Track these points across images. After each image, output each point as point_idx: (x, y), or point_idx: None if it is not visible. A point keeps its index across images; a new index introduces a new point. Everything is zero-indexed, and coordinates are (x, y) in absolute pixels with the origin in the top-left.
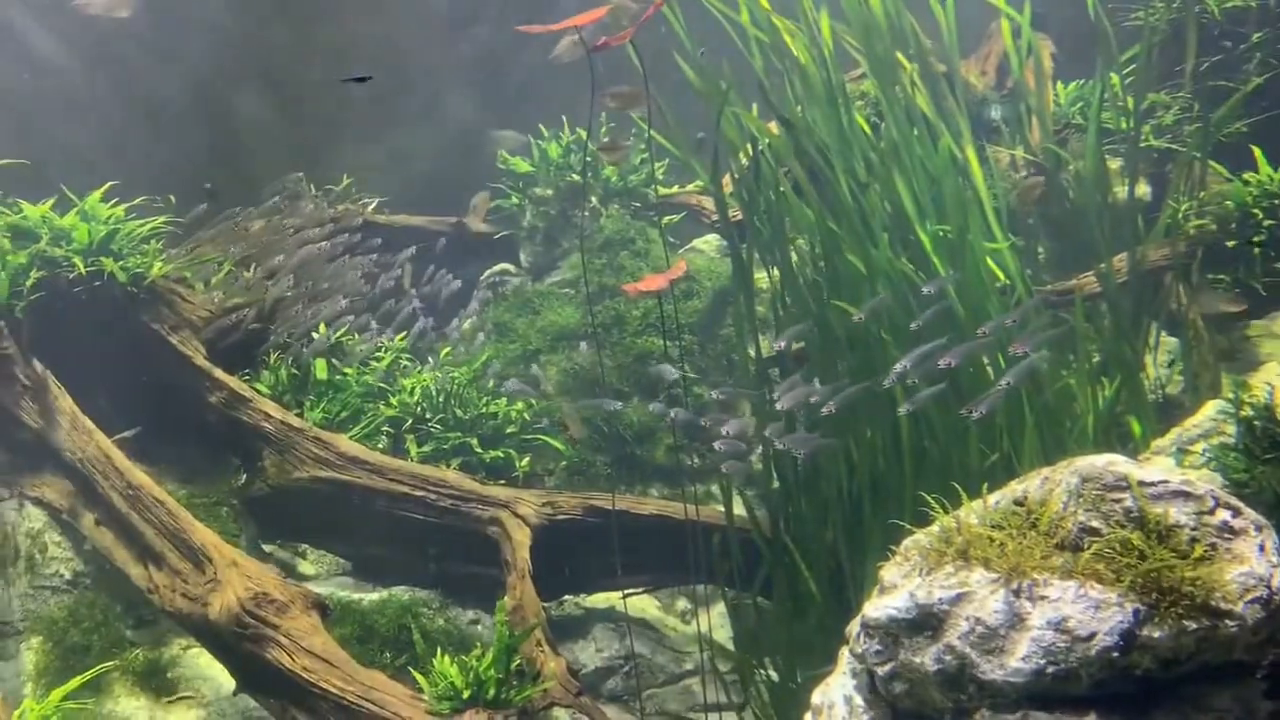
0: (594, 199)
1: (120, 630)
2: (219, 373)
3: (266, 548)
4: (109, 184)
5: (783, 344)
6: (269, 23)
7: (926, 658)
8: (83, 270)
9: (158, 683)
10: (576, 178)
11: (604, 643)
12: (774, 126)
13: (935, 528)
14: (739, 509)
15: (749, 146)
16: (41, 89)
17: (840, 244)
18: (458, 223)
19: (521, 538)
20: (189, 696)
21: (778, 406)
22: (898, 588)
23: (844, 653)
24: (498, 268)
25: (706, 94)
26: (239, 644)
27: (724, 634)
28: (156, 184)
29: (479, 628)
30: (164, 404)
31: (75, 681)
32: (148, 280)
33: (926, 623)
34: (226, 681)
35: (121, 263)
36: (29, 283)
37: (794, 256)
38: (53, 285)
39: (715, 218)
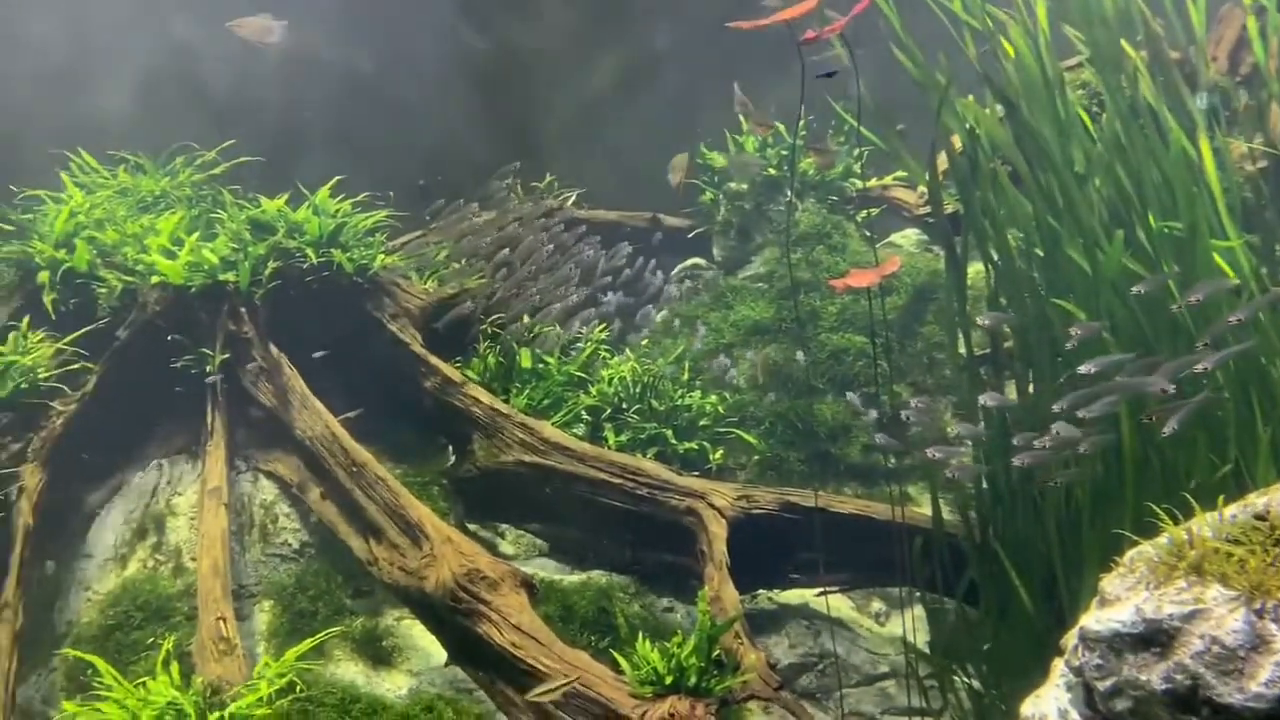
0: (790, 193)
1: (341, 599)
2: (434, 359)
3: (470, 527)
4: (336, 179)
5: (988, 321)
6: (485, 25)
7: (1154, 675)
8: (314, 260)
9: (374, 651)
10: (773, 171)
11: (797, 639)
12: (990, 114)
13: (1163, 539)
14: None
15: (964, 135)
16: (273, 91)
17: (1060, 239)
18: (653, 218)
19: (718, 529)
20: None
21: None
22: (1121, 600)
23: (1058, 664)
24: (690, 262)
25: (924, 85)
26: (452, 617)
27: (921, 638)
28: (378, 181)
29: (673, 615)
30: (382, 387)
31: (307, 643)
32: (371, 271)
33: (1154, 639)
34: (436, 652)
35: (348, 254)
36: (267, 272)
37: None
38: (287, 274)
39: (918, 211)
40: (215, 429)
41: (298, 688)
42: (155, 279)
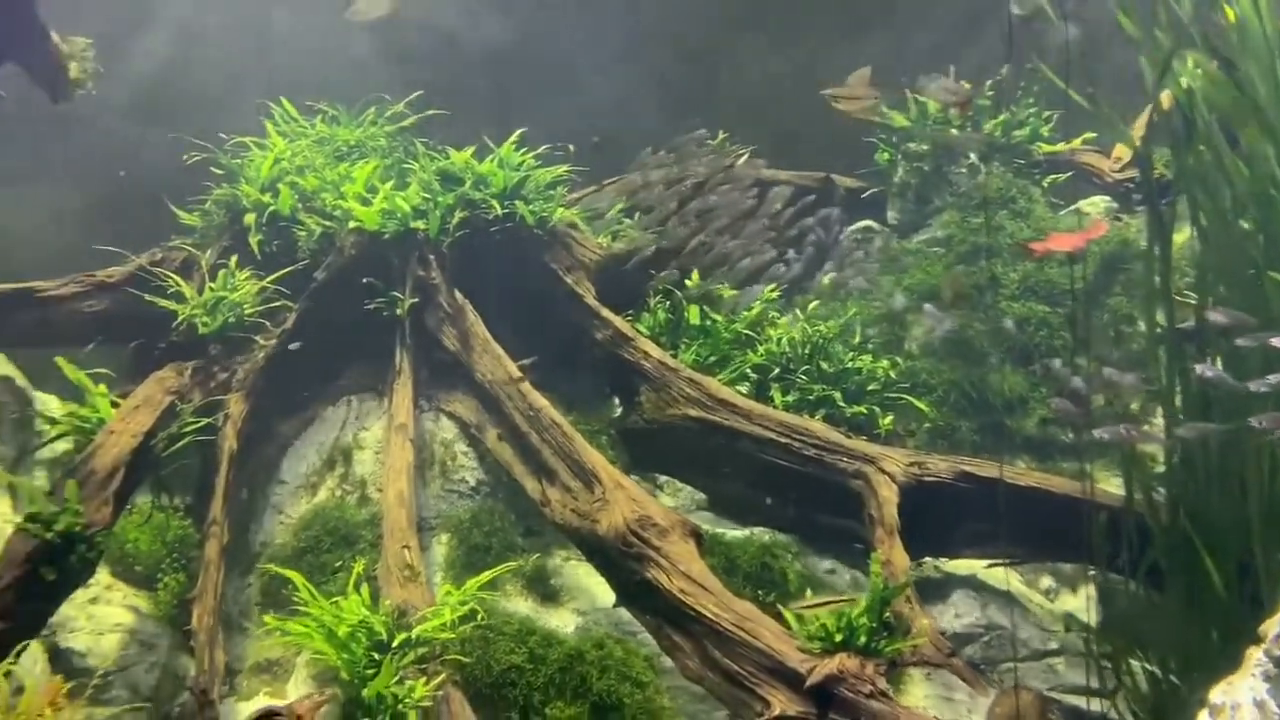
0: (972, 155)
1: (513, 537)
2: (606, 312)
3: (632, 477)
4: (520, 131)
5: (1222, 317)
6: None
7: None
8: (499, 211)
9: (542, 588)
10: (955, 132)
11: (963, 609)
12: (1207, 74)
13: None
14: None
15: (1181, 94)
16: (462, 46)
17: (1276, 208)
18: (826, 178)
19: (888, 494)
20: None
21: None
22: None
23: (1253, 653)
24: (861, 224)
25: (1139, 42)
26: (623, 560)
27: (1093, 617)
28: (556, 135)
29: (834, 577)
30: (556, 337)
31: (486, 575)
32: (550, 224)
33: None
34: (601, 594)
35: (530, 206)
36: (454, 221)
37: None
38: (473, 224)
39: (1111, 176)
40: (402, 369)
41: (479, 616)
42: (352, 224)
